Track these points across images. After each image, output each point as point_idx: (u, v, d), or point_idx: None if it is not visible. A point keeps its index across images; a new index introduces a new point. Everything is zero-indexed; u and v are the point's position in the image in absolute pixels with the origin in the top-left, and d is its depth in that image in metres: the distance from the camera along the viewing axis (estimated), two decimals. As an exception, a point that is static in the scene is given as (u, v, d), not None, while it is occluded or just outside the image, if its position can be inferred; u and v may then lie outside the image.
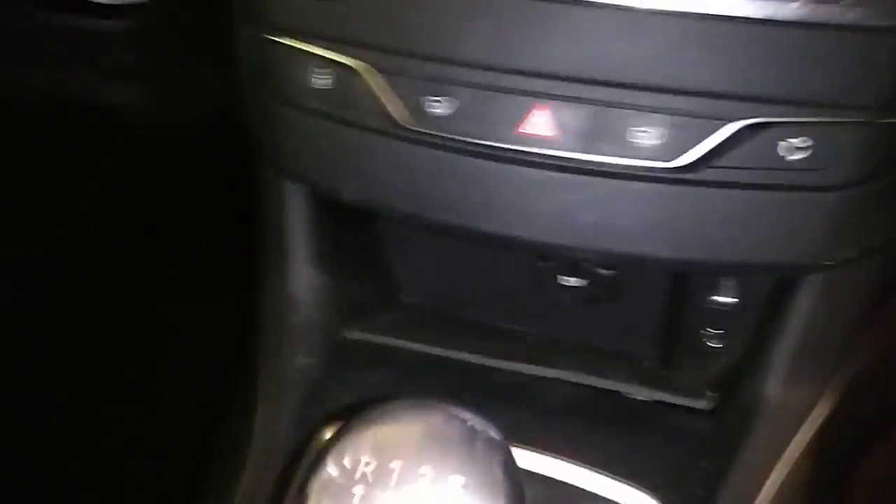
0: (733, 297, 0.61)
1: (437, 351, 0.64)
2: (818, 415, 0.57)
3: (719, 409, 0.60)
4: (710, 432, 0.58)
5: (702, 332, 0.64)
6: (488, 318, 0.73)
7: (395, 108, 0.51)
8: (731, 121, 0.46)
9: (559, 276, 0.66)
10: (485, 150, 0.50)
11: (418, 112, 0.50)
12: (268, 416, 0.58)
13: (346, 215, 0.59)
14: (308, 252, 0.61)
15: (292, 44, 0.53)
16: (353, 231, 0.65)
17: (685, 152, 0.47)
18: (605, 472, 0.53)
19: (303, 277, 0.62)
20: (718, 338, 0.64)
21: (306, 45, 0.52)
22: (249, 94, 0.58)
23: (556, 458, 0.53)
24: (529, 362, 0.66)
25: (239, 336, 0.64)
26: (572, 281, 0.66)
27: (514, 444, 0.54)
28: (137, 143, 0.83)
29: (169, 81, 0.77)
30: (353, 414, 0.43)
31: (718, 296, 0.62)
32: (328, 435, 0.56)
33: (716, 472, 0.54)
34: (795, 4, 0.44)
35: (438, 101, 0.50)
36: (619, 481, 0.52)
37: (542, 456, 0.53)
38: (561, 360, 0.67)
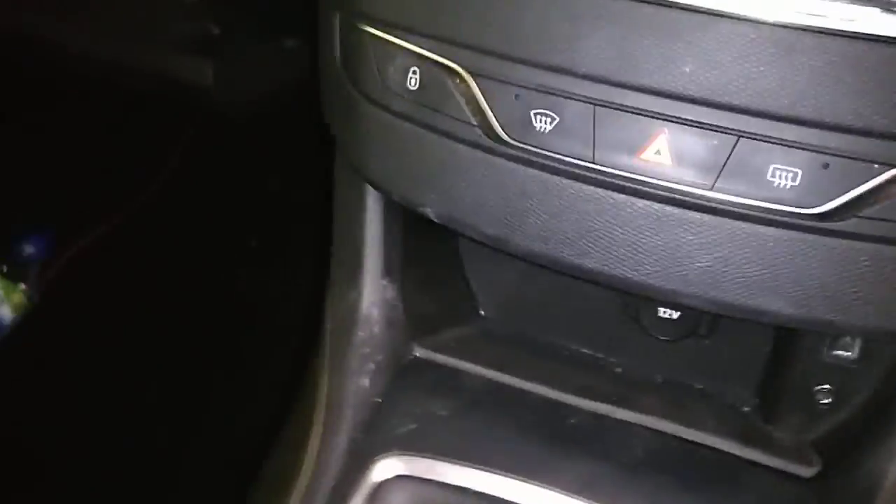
0: (853, 352, 0.54)
1: (511, 380, 0.58)
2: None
3: (825, 481, 0.53)
4: None
5: (813, 385, 0.57)
6: (573, 344, 0.67)
7: (495, 117, 0.45)
8: (892, 166, 0.39)
9: (658, 307, 0.60)
10: (595, 176, 0.43)
11: (523, 124, 0.44)
12: (321, 443, 0.53)
13: (426, 225, 0.54)
14: (382, 263, 0.56)
15: (385, 36, 0.47)
16: (432, 242, 0.60)
17: (831, 198, 0.40)
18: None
19: (375, 290, 0.56)
20: (830, 394, 0.57)
21: (401, 39, 0.47)
22: (331, 87, 0.53)
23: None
24: (611, 402, 0.59)
25: (301, 348, 0.59)
26: (673, 314, 0.60)
27: (587, 499, 0.49)
28: (208, 123, 0.79)
29: (244, 56, 0.72)
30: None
31: (836, 348, 0.55)
32: (380, 469, 0.51)
33: None
34: None
35: (547, 115, 0.44)
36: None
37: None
38: (648, 400, 0.61)
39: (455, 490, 0.50)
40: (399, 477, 0.51)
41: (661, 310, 0.60)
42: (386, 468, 0.51)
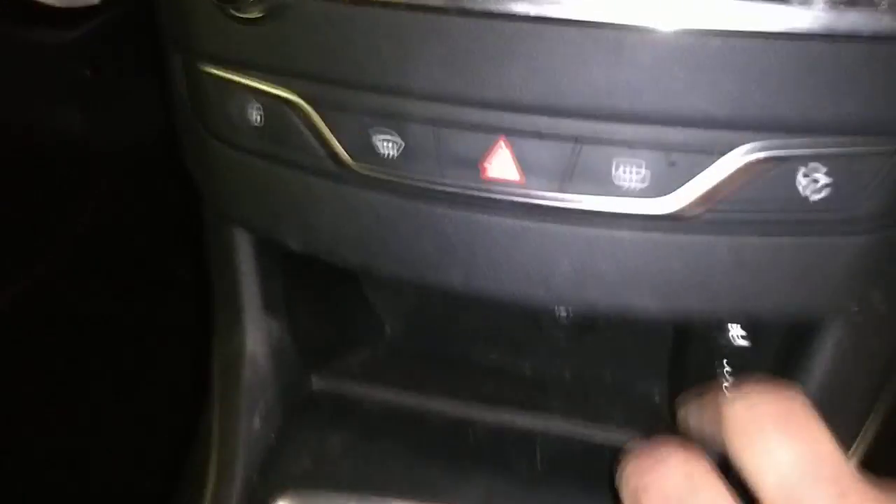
0: (744, 335, 0.54)
1: (412, 400, 0.57)
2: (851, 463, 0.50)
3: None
4: None
5: (712, 369, 0.57)
6: (480, 351, 0.66)
7: (340, 145, 0.43)
8: (737, 154, 0.39)
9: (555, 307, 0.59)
10: (442, 195, 0.42)
11: (366, 150, 0.43)
12: (216, 489, 0.51)
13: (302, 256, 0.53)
14: (262, 300, 0.55)
15: (222, 74, 0.46)
16: (316, 271, 0.58)
17: (681, 195, 0.40)
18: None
19: (258, 329, 0.55)
20: (733, 377, 0.56)
21: (238, 76, 0.45)
22: (184, 128, 0.51)
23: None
24: (517, 408, 0.59)
25: (193, 394, 0.57)
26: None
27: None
28: (85, 171, 0.76)
29: (122, 99, 0.70)
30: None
31: (727, 332, 0.54)
32: None
33: None
34: (818, 10, 0.36)
35: (388, 139, 0.42)
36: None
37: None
38: (554, 402, 0.60)
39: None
40: None
41: (558, 308, 0.59)
42: None
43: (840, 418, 0.50)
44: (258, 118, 0.45)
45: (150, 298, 0.96)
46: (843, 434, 0.51)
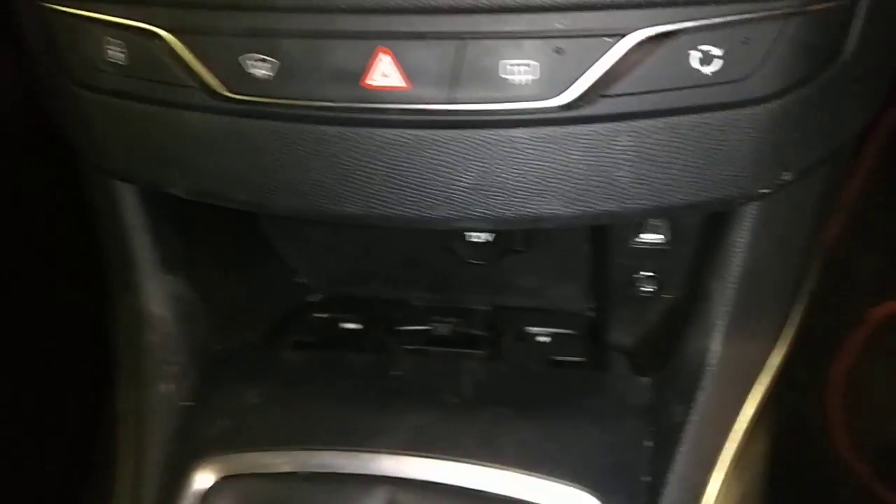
0: (660, 235, 0.53)
1: (331, 350, 0.55)
2: (774, 360, 0.50)
3: (658, 371, 0.52)
4: (649, 405, 0.50)
5: (632, 274, 0.56)
6: (400, 293, 0.64)
7: (211, 74, 0.40)
8: (625, 35, 0.37)
9: (466, 234, 0.57)
10: (326, 114, 0.40)
11: (239, 76, 0.40)
12: (134, 464, 0.48)
13: (197, 205, 0.49)
14: (159, 256, 0.51)
15: (75, 11, 0.42)
16: (214, 222, 0.55)
17: (571, 85, 0.38)
18: (532, 473, 0.45)
19: (157, 288, 0.52)
20: (651, 282, 0.55)
21: (91, 10, 0.41)
22: (41, 77, 0.47)
23: (474, 464, 0.45)
24: (441, 344, 0.57)
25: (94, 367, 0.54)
26: (482, 236, 0.57)
27: (422, 454, 0.46)
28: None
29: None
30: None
31: (643, 232, 0.53)
32: (200, 477, 0.47)
33: (661, 453, 0.47)
34: None
35: (261, 60, 0.39)
36: (550, 481, 0.44)
37: (457, 464, 0.45)
38: (480, 335, 0.59)
39: (284, 478, 0.47)
40: (224, 479, 0.47)
41: (470, 235, 0.57)
42: (207, 473, 0.47)
43: (763, 311, 0.49)
44: (120, 57, 0.41)
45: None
46: (767, 328, 0.50)
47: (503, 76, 0.38)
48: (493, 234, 0.57)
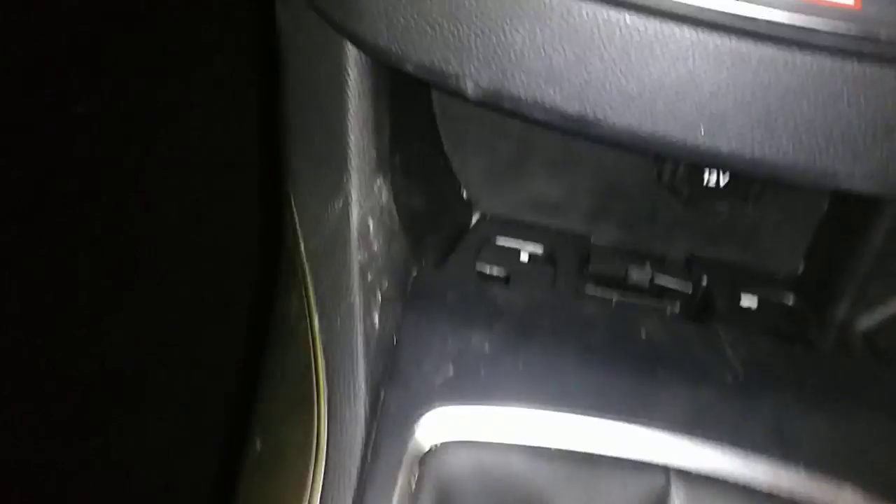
0: None
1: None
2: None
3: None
4: None
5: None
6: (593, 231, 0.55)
7: None
8: None
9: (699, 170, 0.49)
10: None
11: None
12: (338, 413, 0.39)
13: (407, 102, 0.39)
14: (376, 154, 0.41)
15: None
16: (413, 124, 0.45)
17: None
18: (836, 479, 0.38)
19: (368, 194, 0.41)
20: None
21: None
22: None
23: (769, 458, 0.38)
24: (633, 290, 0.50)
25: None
26: (710, 180, 0.49)
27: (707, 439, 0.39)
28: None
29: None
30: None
31: None
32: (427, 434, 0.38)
33: None
34: None
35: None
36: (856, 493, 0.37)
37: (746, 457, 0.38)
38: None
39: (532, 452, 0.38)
40: (455, 444, 0.38)
41: (707, 176, 0.49)
42: (430, 427, 0.38)
43: None
44: None
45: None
46: None
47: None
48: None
